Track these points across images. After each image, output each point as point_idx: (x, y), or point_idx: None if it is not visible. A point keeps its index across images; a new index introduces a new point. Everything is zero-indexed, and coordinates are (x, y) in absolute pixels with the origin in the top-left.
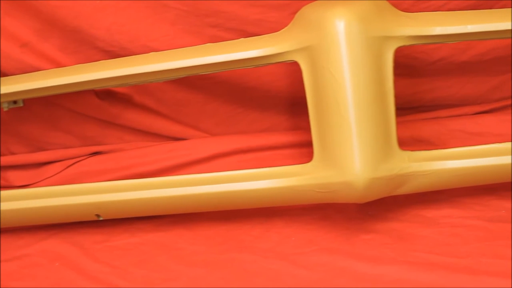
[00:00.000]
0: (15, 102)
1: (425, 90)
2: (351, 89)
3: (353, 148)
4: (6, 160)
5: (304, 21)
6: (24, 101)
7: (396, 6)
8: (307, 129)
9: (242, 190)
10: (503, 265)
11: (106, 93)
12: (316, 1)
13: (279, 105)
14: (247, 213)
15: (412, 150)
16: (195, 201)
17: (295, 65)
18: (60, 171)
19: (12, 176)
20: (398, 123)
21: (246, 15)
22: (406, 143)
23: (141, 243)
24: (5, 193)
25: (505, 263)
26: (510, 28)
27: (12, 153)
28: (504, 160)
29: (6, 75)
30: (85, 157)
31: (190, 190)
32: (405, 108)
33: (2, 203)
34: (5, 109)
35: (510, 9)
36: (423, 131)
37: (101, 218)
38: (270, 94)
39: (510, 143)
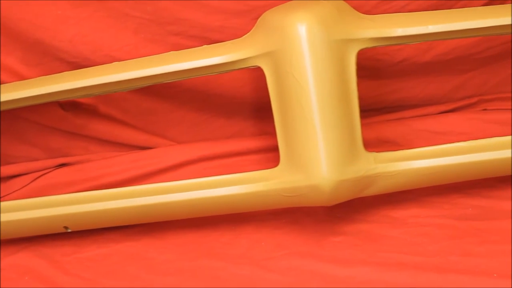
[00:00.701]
0: None
1: (389, 91)
2: (315, 92)
3: (319, 151)
4: None
5: (266, 26)
6: None
7: (358, 8)
8: (273, 134)
9: (210, 197)
10: (472, 263)
11: (70, 105)
12: (277, 6)
13: (244, 111)
14: (216, 220)
15: (378, 152)
16: (164, 209)
17: (259, 71)
18: (27, 184)
19: None
20: (363, 125)
21: (209, 22)
22: (372, 144)
23: (111, 253)
24: None
25: (473, 260)
26: (470, 27)
27: None
28: (468, 158)
29: None
30: (51, 169)
31: (158, 199)
32: (370, 109)
33: None
34: None
35: (469, 8)
36: (388, 132)
37: (69, 230)
38: (235, 100)
39: (474, 141)
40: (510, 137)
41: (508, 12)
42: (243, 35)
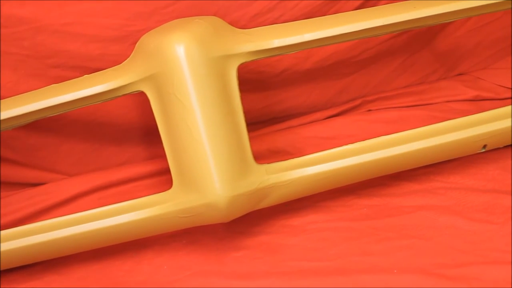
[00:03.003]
0: None
1: (274, 102)
2: (200, 111)
3: (210, 169)
4: None
5: (145, 50)
6: None
7: (234, 24)
8: (165, 156)
9: (107, 227)
10: (372, 262)
11: None
12: (154, 29)
13: (134, 136)
14: (117, 249)
15: (269, 163)
16: (61, 244)
17: (143, 95)
18: None
19: None
20: (253, 138)
21: (88, 51)
22: (264, 156)
23: None
24: None
25: (373, 259)
26: (344, 32)
27: None
28: (357, 159)
29: None
30: None
31: (54, 234)
32: (258, 122)
33: None
34: None
35: (342, 13)
36: (278, 142)
37: None
38: (123, 127)
39: (361, 142)
40: (395, 134)
41: (380, 14)
42: (123, 61)
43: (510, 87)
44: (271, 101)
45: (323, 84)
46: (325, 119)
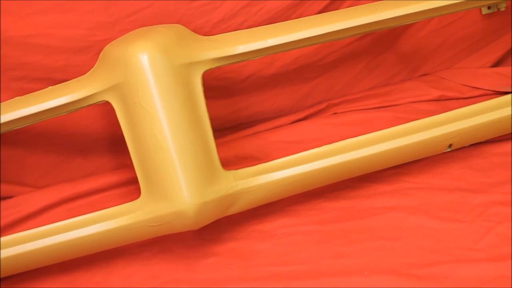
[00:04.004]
0: None
1: (241, 108)
2: (166, 119)
3: (177, 177)
4: None
5: (109, 60)
6: None
7: (197, 31)
8: (132, 165)
9: (75, 238)
10: (343, 264)
11: None
12: (117, 39)
13: (101, 147)
14: (87, 260)
15: (237, 169)
16: (30, 258)
17: (108, 105)
18: None
19: None
20: (220, 144)
21: (51, 63)
22: (231, 162)
23: None
24: None
25: (344, 261)
26: (307, 36)
27: None
28: (324, 163)
29: None
30: None
31: (22, 248)
32: (225, 128)
33: None
34: None
35: (305, 18)
36: (246, 148)
37: None
38: (90, 138)
39: (327, 145)
40: (361, 137)
41: (342, 17)
42: (88, 72)
43: (474, 86)
44: (237, 107)
45: (289, 88)
46: (291, 123)
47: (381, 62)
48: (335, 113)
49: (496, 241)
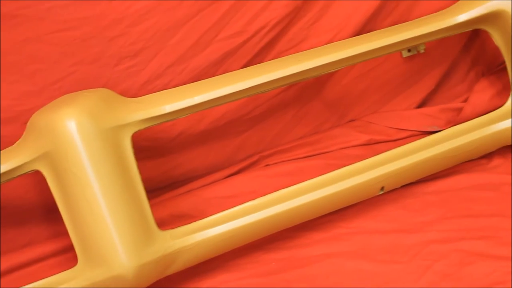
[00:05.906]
0: None
1: (173, 166)
2: (97, 185)
3: (113, 241)
4: None
5: (36, 128)
6: None
7: (124, 93)
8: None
9: None
10: None
11: None
12: (44, 107)
13: (35, 216)
14: None
15: (173, 228)
16: None
17: (40, 173)
18: None
19: None
20: (154, 204)
21: None
22: (168, 222)
23: None
24: None
25: None
26: (232, 91)
27: None
28: (259, 215)
29: None
30: None
31: None
32: (159, 188)
33: None
34: None
35: (230, 73)
36: (181, 206)
37: None
38: (23, 208)
39: (261, 198)
40: (294, 186)
41: (266, 70)
42: (16, 142)
43: (401, 128)
44: (170, 166)
45: (220, 144)
46: (225, 178)
47: (308, 111)
48: (267, 165)
49: (435, 279)
